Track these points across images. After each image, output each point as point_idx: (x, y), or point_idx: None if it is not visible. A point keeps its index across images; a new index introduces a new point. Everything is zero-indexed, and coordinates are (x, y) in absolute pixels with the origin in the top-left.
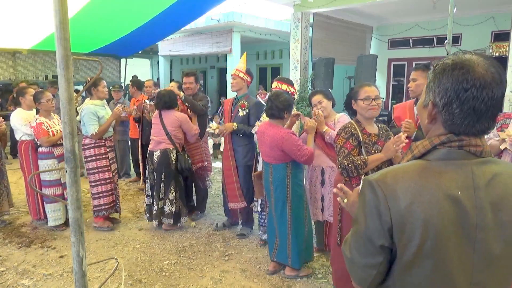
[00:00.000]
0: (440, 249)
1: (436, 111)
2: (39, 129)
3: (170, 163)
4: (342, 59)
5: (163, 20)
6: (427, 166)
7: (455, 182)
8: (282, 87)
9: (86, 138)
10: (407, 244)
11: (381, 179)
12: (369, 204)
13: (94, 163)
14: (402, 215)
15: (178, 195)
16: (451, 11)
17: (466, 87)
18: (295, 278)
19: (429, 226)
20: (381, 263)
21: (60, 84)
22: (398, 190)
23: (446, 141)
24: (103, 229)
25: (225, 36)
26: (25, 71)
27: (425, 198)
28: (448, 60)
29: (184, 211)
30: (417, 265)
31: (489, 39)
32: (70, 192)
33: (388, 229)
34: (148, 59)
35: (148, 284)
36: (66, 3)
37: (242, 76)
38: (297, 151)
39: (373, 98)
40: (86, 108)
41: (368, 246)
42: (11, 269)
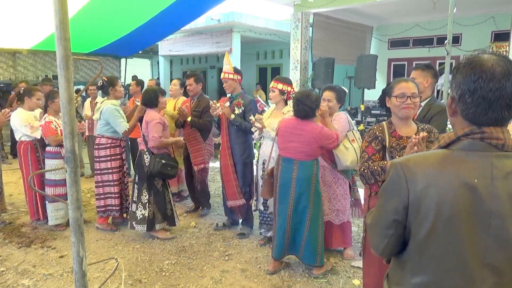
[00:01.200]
0: (452, 230)
1: (454, 104)
2: (47, 128)
3: (143, 165)
4: (342, 59)
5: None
6: (449, 155)
7: (473, 171)
8: (278, 86)
9: (102, 138)
10: (421, 223)
11: (405, 162)
12: (392, 182)
13: (108, 163)
14: (418, 196)
15: (152, 200)
16: (451, 11)
17: (474, 79)
18: (324, 276)
19: (442, 208)
20: (392, 235)
21: (60, 84)
22: (417, 173)
23: (469, 133)
24: (106, 230)
25: (225, 36)
26: (25, 71)
27: (441, 183)
28: (463, 60)
29: (159, 218)
30: (430, 243)
31: (489, 39)
32: (70, 192)
33: (404, 207)
34: (148, 59)
35: (148, 284)
36: (66, 3)
37: (232, 77)
38: (330, 140)
39: (408, 96)
40: (109, 107)
41: (384, 218)
42: (11, 269)
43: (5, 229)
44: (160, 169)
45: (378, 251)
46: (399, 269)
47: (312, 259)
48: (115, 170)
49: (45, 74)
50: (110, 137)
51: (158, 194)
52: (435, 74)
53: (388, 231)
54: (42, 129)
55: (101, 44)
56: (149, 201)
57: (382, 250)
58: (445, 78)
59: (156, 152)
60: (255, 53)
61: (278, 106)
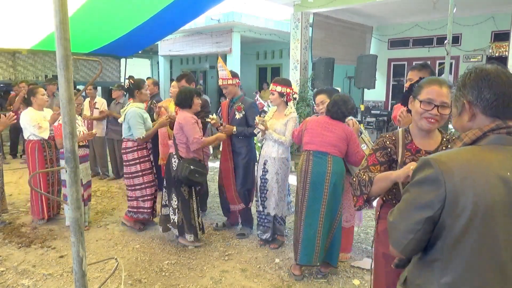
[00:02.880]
0: (489, 223)
1: (472, 107)
2: (59, 130)
3: (171, 169)
4: (342, 59)
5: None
6: (479, 150)
7: (505, 164)
8: (277, 89)
9: (128, 141)
10: (459, 216)
11: (437, 158)
12: (426, 179)
13: (138, 166)
14: (456, 188)
15: (180, 206)
16: (451, 11)
17: (487, 78)
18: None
19: (479, 201)
20: (420, 230)
21: (60, 84)
22: (453, 166)
23: (496, 128)
24: (132, 228)
25: (225, 36)
26: (25, 71)
27: (477, 175)
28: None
29: (185, 228)
30: (466, 237)
31: (489, 39)
32: (70, 192)
33: (440, 201)
34: (148, 59)
35: (148, 284)
36: (66, 3)
37: (231, 82)
38: (357, 150)
39: (436, 105)
40: (133, 111)
41: (413, 212)
42: (11, 269)
43: (5, 229)
44: (188, 175)
45: (400, 247)
46: (425, 269)
47: (335, 260)
48: (145, 172)
49: (45, 74)
50: (135, 140)
51: (184, 202)
52: (432, 73)
53: (416, 226)
54: (55, 130)
55: (100, 43)
56: (178, 207)
57: (404, 246)
58: (445, 78)
59: (185, 156)
60: (255, 53)
61: (279, 108)
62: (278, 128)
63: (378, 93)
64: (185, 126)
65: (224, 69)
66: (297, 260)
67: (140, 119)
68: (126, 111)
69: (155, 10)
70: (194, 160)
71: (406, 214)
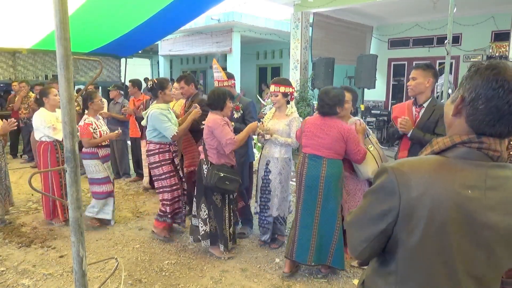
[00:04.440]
0: (443, 240)
1: (462, 104)
2: (85, 130)
3: (202, 176)
4: (342, 59)
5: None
6: (444, 162)
7: (468, 181)
8: (280, 89)
9: (150, 144)
10: (412, 231)
11: (398, 167)
12: (382, 188)
13: (161, 169)
14: (411, 204)
15: (213, 215)
16: (451, 11)
17: (494, 86)
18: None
19: (434, 217)
20: (374, 240)
21: (60, 84)
22: (412, 180)
23: (467, 141)
24: (159, 237)
25: (225, 35)
26: (25, 71)
27: (436, 191)
28: (484, 62)
29: (219, 236)
30: (419, 252)
31: (489, 39)
32: (70, 192)
33: (394, 214)
34: (148, 59)
35: (148, 284)
36: (66, 2)
37: (227, 84)
38: (357, 147)
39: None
40: (154, 113)
41: (366, 224)
42: (11, 269)
43: (5, 229)
44: (217, 182)
45: (355, 253)
46: (381, 279)
47: (341, 263)
48: (168, 175)
49: (45, 74)
50: (158, 143)
51: (217, 210)
52: (435, 74)
53: (370, 237)
54: (80, 130)
55: (100, 43)
56: (209, 216)
57: (359, 253)
58: (445, 78)
59: (215, 162)
60: (255, 53)
61: (281, 108)
62: (280, 129)
63: (378, 93)
64: (216, 130)
65: (219, 70)
66: (291, 256)
67: (164, 117)
68: (148, 113)
69: (155, 9)
70: (225, 166)
71: (361, 223)
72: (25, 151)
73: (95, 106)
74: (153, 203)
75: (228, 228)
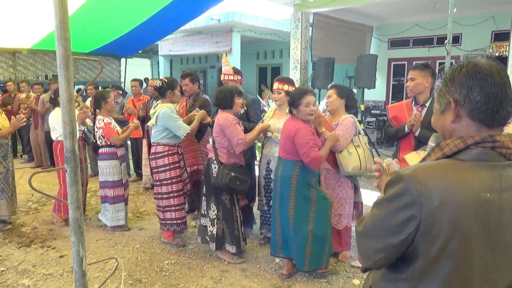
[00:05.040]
0: (464, 248)
1: (458, 107)
2: (109, 129)
3: (210, 176)
4: (342, 59)
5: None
6: (460, 166)
7: (485, 185)
8: (284, 87)
9: (158, 146)
10: (434, 241)
11: (415, 175)
12: (400, 197)
13: (168, 173)
14: (432, 213)
15: (221, 216)
16: (451, 11)
17: (479, 76)
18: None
19: (456, 226)
20: (391, 250)
21: (60, 84)
22: (431, 188)
23: (480, 142)
24: (172, 245)
25: (225, 35)
26: (25, 71)
27: (456, 199)
28: (454, 65)
29: (228, 237)
30: (439, 263)
31: (489, 39)
32: (70, 192)
33: (415, 224)
34: (148, 59)
35: (148, 283)
36: (66, 2)
37: (233, 78)
38: (304, 148)
39: None
40: (165, 112)
41: (382, 234)
42: (11, 269)
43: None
44: (228, 182)
45: (369, 262)
46: (392, 284)
47: (300, 263)
48: (175, 180)
49: (45, 74)
50: (166, 144)
51: (227, 211)
52: (433, 74)
53: (388, 245)
54: (103, 131)
55: (100, 43)
56: (218, 217)
57: (374, 262)
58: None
59: (226, 162)
60: (255, 53)
61: (281, 107)
62: (280, 128)
63: (378, 93)
64: (227, 129)
65: (227, 64)
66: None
67: (175, 115)
68: (157, 113)
69: (155, 9)
70: (235, 166)
71: (377, 232)
72: (25, 151)
73: (108, 106)
74: (153, 203)
75: (240, 228)
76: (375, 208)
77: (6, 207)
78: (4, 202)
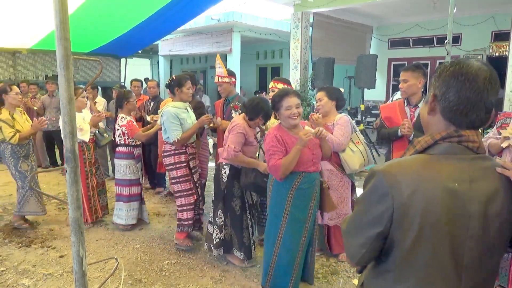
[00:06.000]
0: (436, 236)
1: (435, 101)
2: (132, 126)
3: (220, 180)
4: (342, 59)
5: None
6: (429, 160)
7: (454, 175)
8: (278, 86)
9: (166, 145)
10: (408, 230)
11: (387, 170)
12: (374, 191)
13: (175, 172)
14: (404, 203)
15: (229, 222)
16: (451, 11)
17: (461, 79)
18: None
19: (428, 214)
20: (371, 244)
21: (60, 84)
22: (402, 181)
23: (447, 136)
24: (181, 248)
25: (225, 35)
26: (25, 71)
27: (426, 189)
28: (448, 62)
29: (236, 243)
30: (415, 251)
31: (489, 39)
32: (70, 192)
33: (388, 216)
34: (148, 59)
35: (148, 283)
36: (66, 3)
37: (227, 80)
38: (266, 155)
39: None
40: (167, 112)
41: (363, 228)
42: (11, 268)
43: (5, 229)
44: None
45: (355, 259)
46: (380, 278)
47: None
48: (183, 179)
49: (45, 74)
50: (172, 143)
51: (235, 218)
52: (425, 74)
53: (367, 241)
54: (127, 128)
55: (100, 42)
56: (225, 223)
57: (359, 259)
58: None
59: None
60: (255, 53)
61: None
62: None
63: (378, 93)
64: (231, 132)
65: (221, 66)
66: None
67: (174, 119)
68: (162, 112)
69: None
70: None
71: (357, 229)
72: None
73: (130, 106)
74: (153, 203)
75: (250, 236)
76: (356, 205)
77: (36, 204)
78: (34, 199)
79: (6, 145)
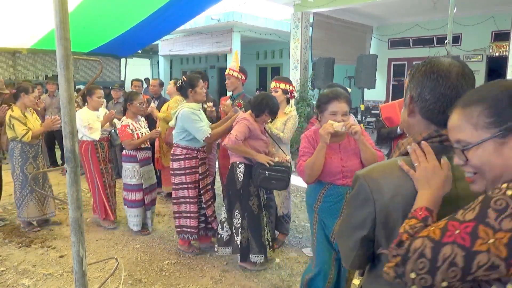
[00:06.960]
0: None
1: (412, 102)
2: (123, 132)
3: (236, 180)
4: (342, 59)
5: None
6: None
7: None
8: (280, 85)
9: (177, 148)
10: (392, 234)
11: (368, 174)
12: (357, 196)
13: (183, 178)
14: (386, 206)
15: (246, 224)
16: (451, 11)
17: (433, 77)
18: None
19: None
20: (359, 249)
21: (60, 84)
22: (383, 184)
23: (428, 137)
24: (188, 253)
25: (225, 35)
26: (25, 71)
27: (407, 191)
28: (419, 63)
29: (254, 247)
30: None
31: (489, 39)
32: (70, 192)
33: (372, 219)
34: (148, 59)
35: (148, 284)
36: (66, 2)
37: (236, 75)
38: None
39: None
40: (184, 112)
41: (350, 232)
42: (11, 268)
43: (5, 228)
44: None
45: (348, 262)
46: (375, 282)
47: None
48: (191, 186)
49: (45, 74)
50: (185, 147)
51: (253, 218)
52: None
53: (355, 244)
54: (119, 132)
55: (100, 42)
56: (242, 225)
57: (351, 263)
58: None
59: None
60: (255, 53)
61: (280, 106)
62: (278, 127)
63: (378, 93)
64: (236, 124)
65: (236, 61)
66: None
67: (196, 117)
68: (177, 113)
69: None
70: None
71: (346, 232)
72: None
73: (132, 108)
74: None
75: (266, 235)
76: (345, 209)
77: (35, 208)
78: (34, 204)
79: (16, 144)
